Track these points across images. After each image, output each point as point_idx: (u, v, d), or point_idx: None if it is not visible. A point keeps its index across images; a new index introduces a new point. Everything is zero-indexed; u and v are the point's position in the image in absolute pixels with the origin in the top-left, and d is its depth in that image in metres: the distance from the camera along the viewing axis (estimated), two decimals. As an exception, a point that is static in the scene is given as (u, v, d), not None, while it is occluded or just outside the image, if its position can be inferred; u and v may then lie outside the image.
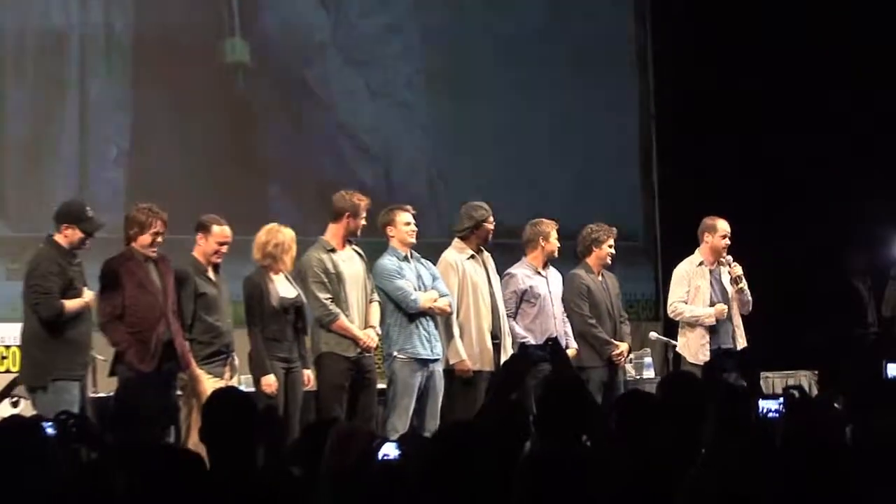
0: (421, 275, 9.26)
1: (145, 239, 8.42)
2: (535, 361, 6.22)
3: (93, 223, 8.37)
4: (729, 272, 10.06)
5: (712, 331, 9.95)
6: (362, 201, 9.08)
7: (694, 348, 9.97)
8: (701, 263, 10.14)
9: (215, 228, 8.74)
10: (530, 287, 9.65)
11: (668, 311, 10.14)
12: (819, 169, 12.77)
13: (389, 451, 4.98)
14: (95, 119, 11.02)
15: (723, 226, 10.13)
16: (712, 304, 10.01)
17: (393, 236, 9.24)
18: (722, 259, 10.09)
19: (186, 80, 11.23)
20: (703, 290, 10.04)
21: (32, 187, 10.67)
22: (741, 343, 10.02)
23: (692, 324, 10.02)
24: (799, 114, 12.85)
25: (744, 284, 10.05)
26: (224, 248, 8.77)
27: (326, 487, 4.58)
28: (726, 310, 9.94)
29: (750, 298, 10.10)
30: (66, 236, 8.35)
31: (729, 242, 10.11)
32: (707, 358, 9.78)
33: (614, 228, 10.09)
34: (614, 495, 4.57)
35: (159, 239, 8.46)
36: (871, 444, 4.85)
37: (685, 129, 13.10)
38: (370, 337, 8.98)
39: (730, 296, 10.06)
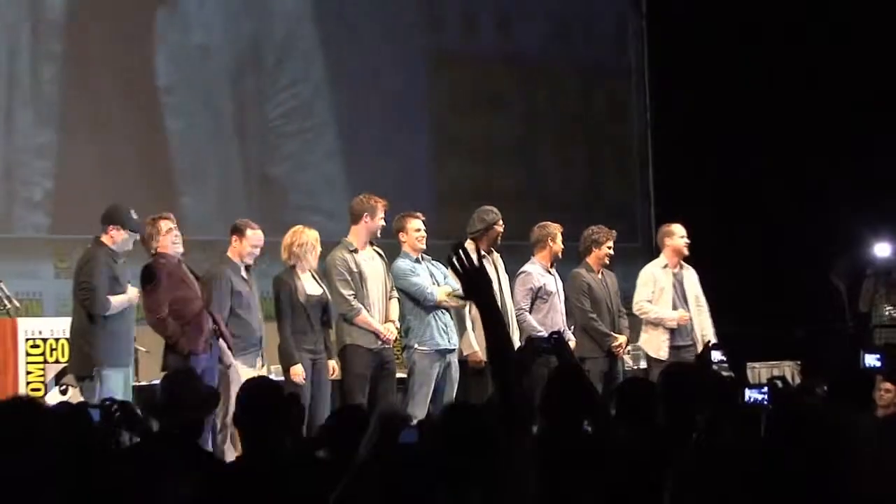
0: (433, 273, 9.29)
1: (165, 240, 8.43)
2: (541, 353, 6.22)
3: (135, 223, 8.40)
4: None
5: (673, 329, 9.97)
6: (379, 202, 9.10)
7: (655, 344, 9.99)
8: (665, 266, 10.15)
9: (249, 232, 8.78)
10: (544, 284, 9.67)
11: (634, 309, 10.11)
12: (804, 177, 12.78)
13: (409, 436, 5.01)
14: (20, 163, 10.77)
15: (678, 229, 10.17)
16: (675, 305, 10.00)
17: (405, 241, 9.27)
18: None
19: (111, 127, 11.03)
20: (667, 291, 10.03)
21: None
22: (699, 341, 10.03)
23: (655, 323, 10.02)
24: (788, 125, 12.87)
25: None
26: (256, 251, 8.81)
27: (368, 468, 4.58)
28: (689, 318, 9.93)
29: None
30: (112, 237, 8.39)
31: (688, 241, 10.11)
32: (667, 354, 9.85)
33: (614, 231, 10.09)
34: (615, 473, 4.59)
35: (176, 233, 8.47)
36: (851, 434, 4.87)
37: (678, 140, 13.11)
38: (389, 330, 9.01)
39: (688, 298, 10.07)
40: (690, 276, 10.14)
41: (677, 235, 10.13)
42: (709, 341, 9.43)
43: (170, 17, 11.48)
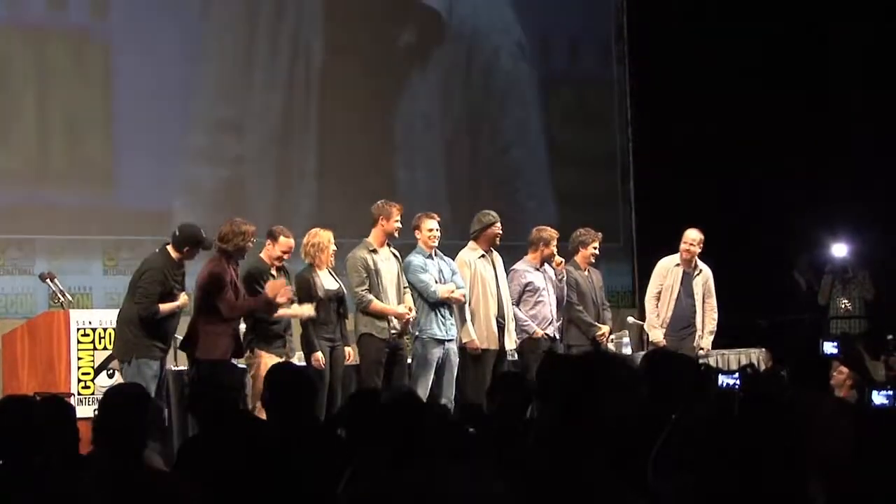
0: (442, 269, 9.31)
1: (244, 244, 8.38)
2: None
3: (208, 242, 8.32)
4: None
5: (674, 321, 10.02)
6: (393, 207, 9.11)
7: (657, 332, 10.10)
8: (677, 264, 10.20)
9: (282, 239, 8.70)
10: (531, 281, 9.70)
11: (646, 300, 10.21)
12: (770, 184, 12.80)
13: None
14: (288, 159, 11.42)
15: (687, 235, 10.24)
16: (678, 300, 10.02)
17: (419, 238, 9.30)
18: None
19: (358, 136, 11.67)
20: (675, 288, 10.11)
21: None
22: (700, 334, 10.07)
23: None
24: (756, 137, 12.89)
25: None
26: (286, 256, 8.73)
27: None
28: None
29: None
30: (183, 253, 8.23)
31: (689, 247, 10.12)
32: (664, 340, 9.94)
33: (599, 233, 10.14)
34: (608, 448, 4.61)
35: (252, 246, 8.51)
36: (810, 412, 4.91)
37: (656, 149, 13.13)
38: (406, 309, 9.00)
39: (695, 294, 10.11)
40: (701, 276, 10.18)
41: (683, 241, 10.19)
42: None
43: (400, 88, 12.09)
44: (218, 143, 11.15)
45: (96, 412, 4.54)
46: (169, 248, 8.29)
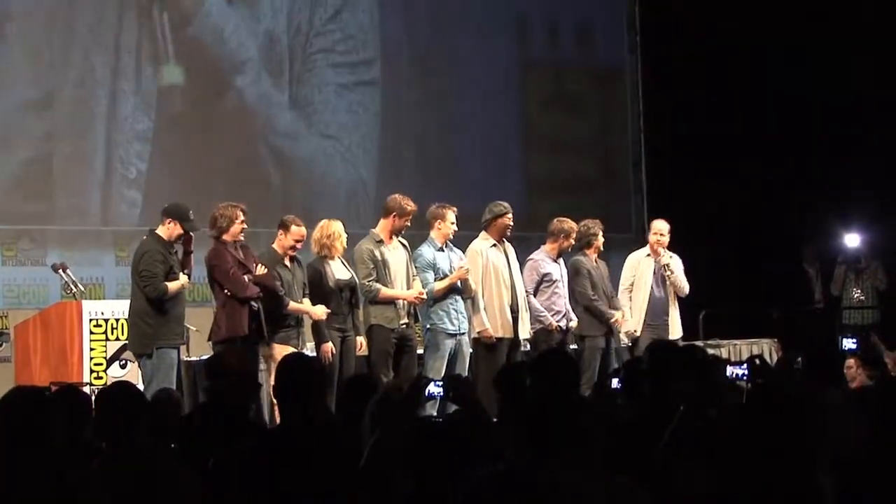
0: (451, 260, 9.30)
1: (236, 228, 8.42)
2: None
3: (192, 224, 8.34)
4: (662, 264, 10.04)
5: (649, 312, 9.97)
6: (409, 206, 9.08)
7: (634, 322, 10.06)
8: (648, 255, 10.16)
9: (293, 228, 8.72)
10: (549, 272, 9.68)
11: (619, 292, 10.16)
12: (780, 176, 12.78)
13: (433, 389, 5.10)
14: (120, 147, 11.01)
15: (654, 226, 10.21)
16: (652, 291, 9.95)
17: (440, 229, 9.25)
18: (658, 253, 10.07)
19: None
20: (647, 277, 10.02)
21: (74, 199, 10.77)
22: (673, 324, 10.00)
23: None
24: (767, 127, 12.88)
25: (671, 272, 10.01)
26: (299, 245, 8.74)
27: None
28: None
29: (682, 283, 10.05)
30: (169, 230, 8.33)
31: (660, 237, 10.05)
32: (641, 330, 9.83)
33: (598, 221, 10.12)
34: (617, 437, 4.61)
35: (245, 226, 8.48)
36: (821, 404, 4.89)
37: (669, 143, 13.14)
38: (417, 292, 8.98)
39: (666, 284, 10.06)
40: (672, 265, 10.12)
41: (652, 231, 10.17)
42: None
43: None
44: (23, 122, 10.62)
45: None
46: (158, 229, 8.34)
